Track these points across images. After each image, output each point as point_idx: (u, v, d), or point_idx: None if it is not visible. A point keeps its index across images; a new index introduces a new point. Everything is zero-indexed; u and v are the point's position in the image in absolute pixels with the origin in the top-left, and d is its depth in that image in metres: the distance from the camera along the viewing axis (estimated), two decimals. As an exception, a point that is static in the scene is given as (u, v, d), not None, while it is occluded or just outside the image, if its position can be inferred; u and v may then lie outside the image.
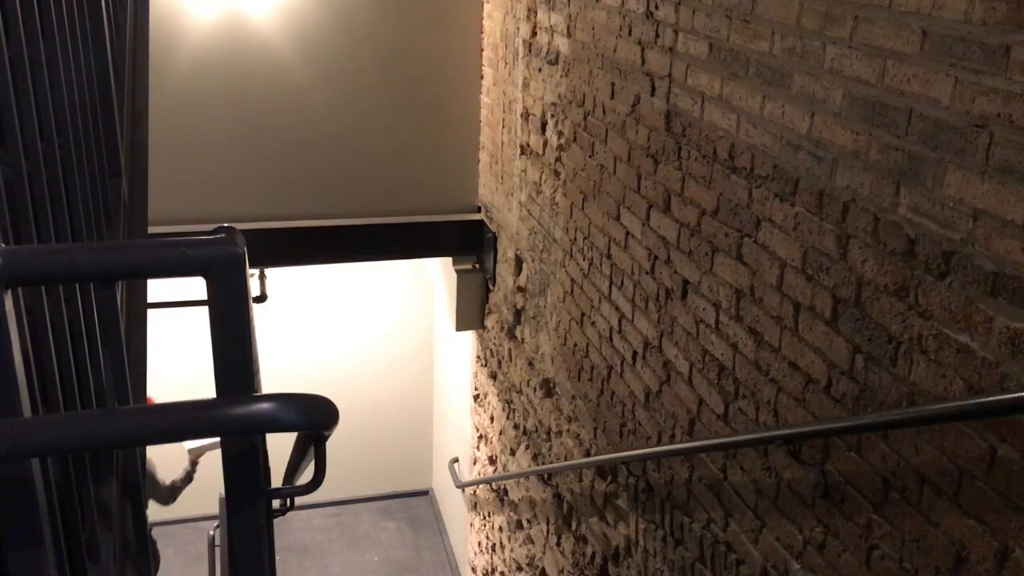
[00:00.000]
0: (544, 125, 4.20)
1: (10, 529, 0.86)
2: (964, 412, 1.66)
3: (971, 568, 1.71)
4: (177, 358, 6.74)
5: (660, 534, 3.15)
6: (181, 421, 0.80)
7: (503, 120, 4.92)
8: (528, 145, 4.47)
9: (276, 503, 3.53)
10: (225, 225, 0.92)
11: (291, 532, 7.37)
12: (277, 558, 4.81)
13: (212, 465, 0.95)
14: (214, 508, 4.47)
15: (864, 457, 2.02)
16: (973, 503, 1.69)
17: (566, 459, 4.15)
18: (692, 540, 2.90)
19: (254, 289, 5.58)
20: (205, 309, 0.95)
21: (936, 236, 1.76)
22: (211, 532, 4.82)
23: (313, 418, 0.88)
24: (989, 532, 1.66)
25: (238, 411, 0.83)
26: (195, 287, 1.37)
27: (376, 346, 7.80)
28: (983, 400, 1.61)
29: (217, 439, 3.63)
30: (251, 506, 0.94)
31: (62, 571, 1.00)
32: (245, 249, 0.87)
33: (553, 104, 4.05)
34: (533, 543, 4.86)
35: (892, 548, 1.94)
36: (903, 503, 1.89)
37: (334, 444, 3.88)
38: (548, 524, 4.54)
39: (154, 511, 6.27)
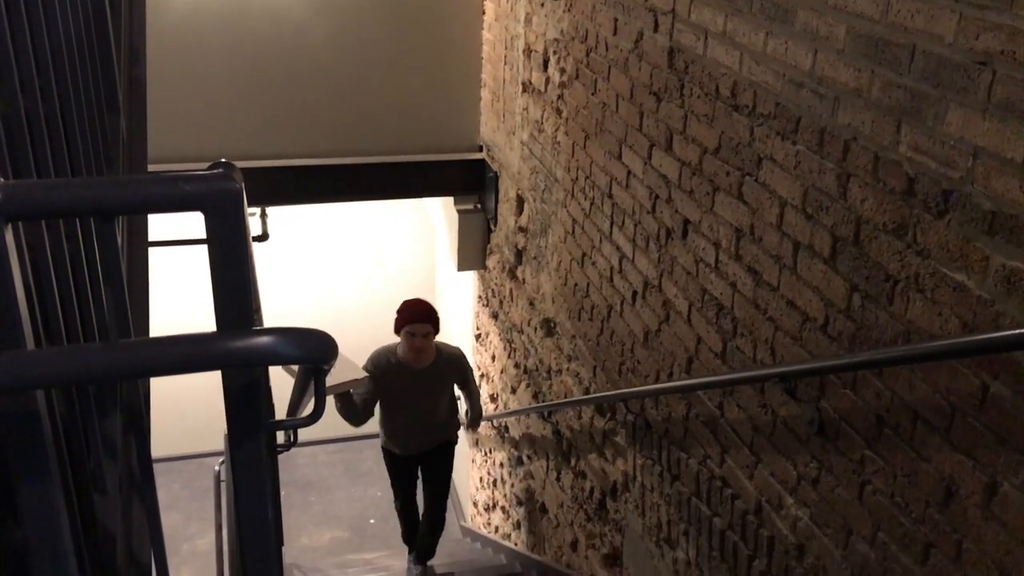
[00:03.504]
0: (546, 62, 4.16)
1: (18, 460, 0.88)
2: (958, 350, 1.68)
3: (960, 502, 1.75)
4: (181, 298, 6.77)
5: (657, 470, 3.21)
6: (182, 353, 0.81)
7: (505, 57, 4.87)
8: (530, 82, 4.43)
9: (280, 438, 3.58)
10: (223, 160, 0.92)
11: (296, 468, 7.49)
12: (282, 493, 4.89)
13: (217, 401, 0.97)
14: (220, 444, 4.54)
15: (859, 394, 2.04)
16: (964, 439, 1.72)
17: (566, 397, 4.19)
18: (688, 475, 2.95)
19: (255, 228, 5.58)
20: (206, 248, 0.96)
21: (935, 175, 1.76)
22: (217, 468, 4.90)
23: (312, 352, 0.89)
24: (979, 467, 1.69)
25: (238, 344, 0.84)
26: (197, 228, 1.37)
27: (378, 286, 7.83)
28: (977, 338, 1.63)
29: (352, 378, 3.68)
30: (252, 438, 0.96)
31: (69, 501, 1.02)
32: (243, 184, 0.87)
33: (555, 40, 4.00)
34: (533, 478, 4.94)
35: (884, 483, 1.97)
36: (896, 439, 1.92)
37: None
38: (548, 460, 4.61)
39: (164, 446, 6.23)
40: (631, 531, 3.53)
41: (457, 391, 4.83)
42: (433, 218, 7.51)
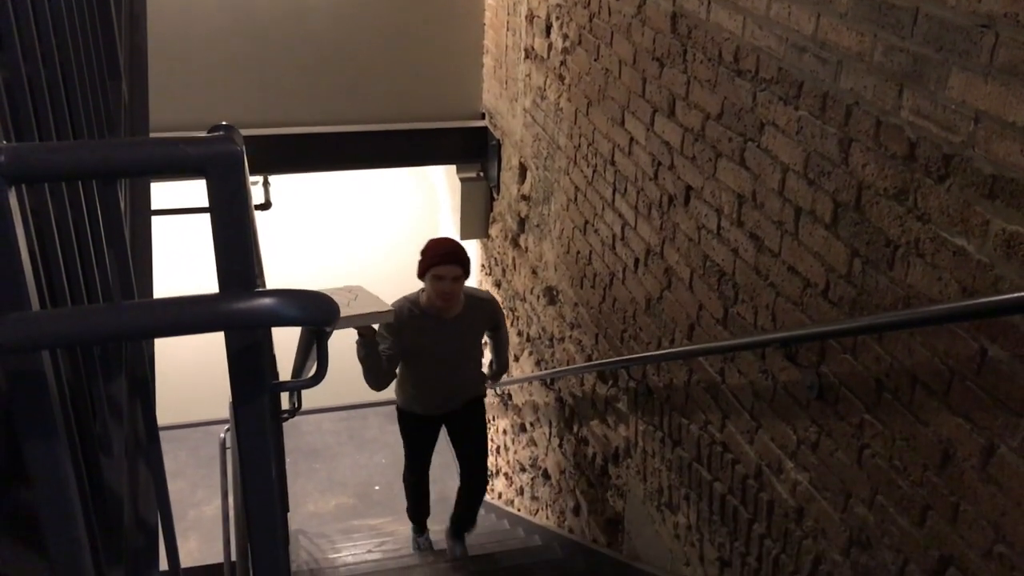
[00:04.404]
0: (549, 27, 4.13)
1: (25, 420, 0.89)
2: (958, 314, 1.69)
3: (957, 465, 1.76)
4: (186, 268, 6.78)
5: (659, 435, 3.23)
6: (184, 314, 0.82)
7: (507, 22, 4.84)
8: (533, 48, 4.41)
9: (285, 404, 3.60)
10: (223, 124, 0.93)
11: (301, 436, 7.54)
12: (288, 460, 4.93)
13: (222, 370, 0.98)
14: (225, 412, 4.57)
15: (859, 359, 2.05)
16: (962, 402, 1.73)
17: (568, 364, 4.21)
18: (689, 441, 2.97)
19: (258, 197, 5.58)
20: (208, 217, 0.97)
21: (937, 139, 1.75)
22: (222, 435, 4.94)
23: (313, 313, 0.90)
24: (976, 430, 1.70)
25: (240, 305, 0.85)
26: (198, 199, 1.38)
27: (380, 255, 7.84)
28: (976, 302, 1.63)
29: (375, 310, 3.11)
30: (256, 398, 0.97)
31: (76, 462, 1.04)
32: (243, 147, 0.88)
33: (558, 5, 3.97)
34: (536, 445, 4.97)
35: (883, 447, 1.99)
36: (895, 403, 1.94)
37: (342, 351, 3.86)
38: (551, 427, 4.64)
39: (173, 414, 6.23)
40: (633, 496, 3.56)
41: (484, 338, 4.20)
42: (436, 187, 7.50)
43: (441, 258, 3.66)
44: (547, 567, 4.24)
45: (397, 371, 3.98)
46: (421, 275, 3.74)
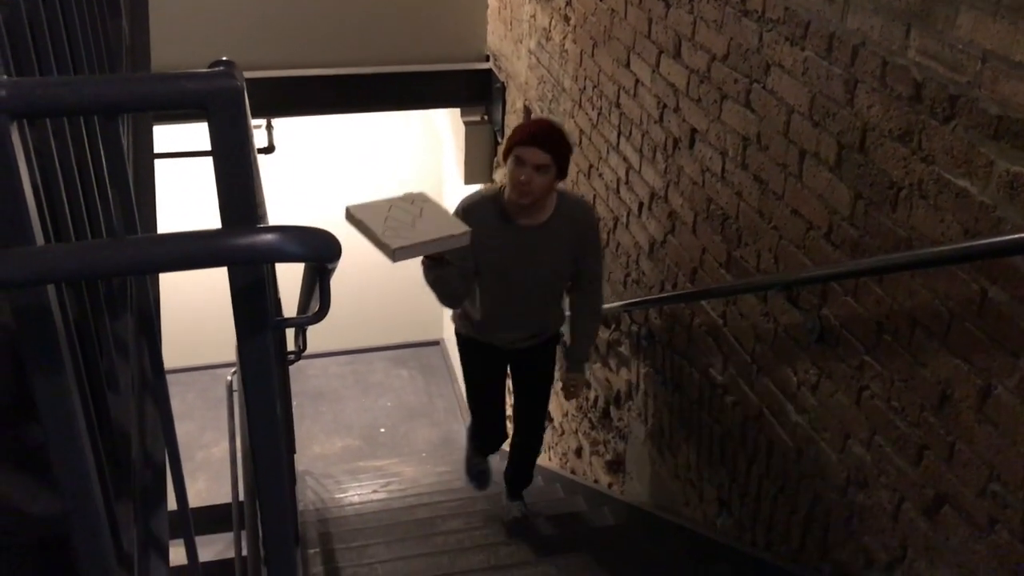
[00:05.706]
0: (553, -32, 4.07)
1: (32, 354, 0.91)
2: (959, 255, 1.69)
3: (955, 405, 1.78)
4: (191, 215, 6.78)
5: (660, 379, 3.25)
6: (187, 249, 0.83)
7: (512, -37, 4.76)
8: (537, -10, 4.35)
9: (291, 343, 3.63)
10: (223, 59, 0.92)
11: (307, 379, 7.61)
12: (294, 403, 4.97)
13: (229, 314, 0.99)
14: (232, 356, 4.60)
15: (860, 302, 2.06)
16: (961, 344, 1.75)
17: (572, 308, 4.22)
18: (691, 384, 3.00)
19: (262, 140, 5.55)
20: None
21: (943, 79, 1.74)
22: (229, 377, 4.98)
23: (316, 249, 0.90)
24: (974, 371, 1.71)
25: (242, 241, 0.85)
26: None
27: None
28: (978, 243, 1.64)
29: (449, 233, 2.45)
30: (259, 333, 0.98)
31: (84, 398, 1.06)
32: (244, 82, 0.88)
33: (563, -55, 3.91)
34: (540, 389, 5.01)
35: (881, 388, 2.01)
36: (895, 345, 1.95)
37: (347, 295, 3.84)
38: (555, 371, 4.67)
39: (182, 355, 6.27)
40: (634, 438, 3.61)
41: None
42: (440, 130, 7.45)
43: (526, 137, 2.77)
44: (548, 507, 4.30)
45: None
46: (504, 159, 2.88)
